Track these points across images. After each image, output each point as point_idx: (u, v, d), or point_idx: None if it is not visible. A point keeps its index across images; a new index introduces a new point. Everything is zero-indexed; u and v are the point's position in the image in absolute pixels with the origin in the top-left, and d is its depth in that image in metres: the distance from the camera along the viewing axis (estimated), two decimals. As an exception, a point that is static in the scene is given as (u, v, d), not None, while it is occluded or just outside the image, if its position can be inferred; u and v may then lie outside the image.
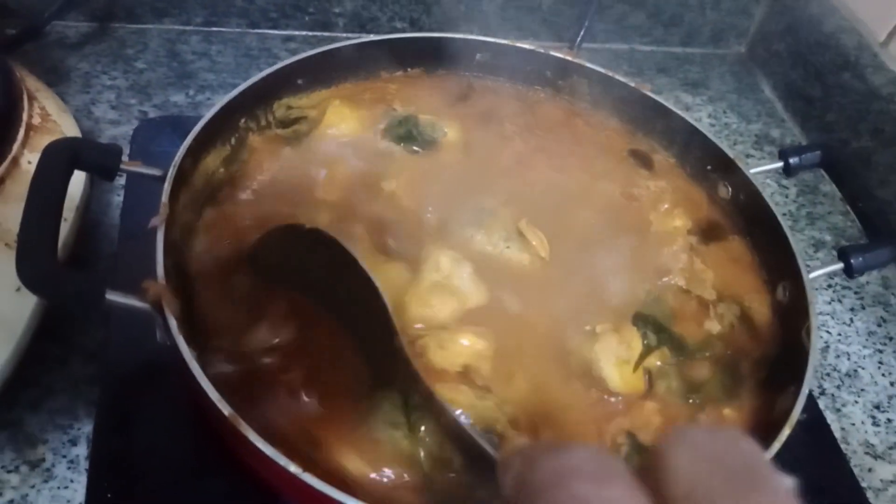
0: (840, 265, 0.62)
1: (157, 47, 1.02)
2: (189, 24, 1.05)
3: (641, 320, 0.61)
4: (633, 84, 0.76)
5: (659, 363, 0.59)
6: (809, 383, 0.54)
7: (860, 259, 0.61)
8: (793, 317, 0.60)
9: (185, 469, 0.59)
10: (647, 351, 0.59)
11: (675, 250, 0.65)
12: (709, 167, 0.72)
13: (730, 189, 0.71)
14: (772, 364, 0.61)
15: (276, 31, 1.07)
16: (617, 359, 0.57)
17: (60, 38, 1.01)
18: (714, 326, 0.62)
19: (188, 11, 1.04)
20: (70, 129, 0.79)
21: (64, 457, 0.61)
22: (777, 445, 0.50)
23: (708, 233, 0.70)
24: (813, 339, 0.56)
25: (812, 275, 0.61)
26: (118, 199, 0.80)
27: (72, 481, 0.60)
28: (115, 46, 1.01)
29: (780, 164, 0.69)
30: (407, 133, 0.71)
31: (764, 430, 0.53)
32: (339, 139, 0.70)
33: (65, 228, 0.70)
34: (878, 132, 0.95)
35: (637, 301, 0.62)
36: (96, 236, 0.77)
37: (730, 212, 0.72)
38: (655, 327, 0.60)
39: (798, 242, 0.94)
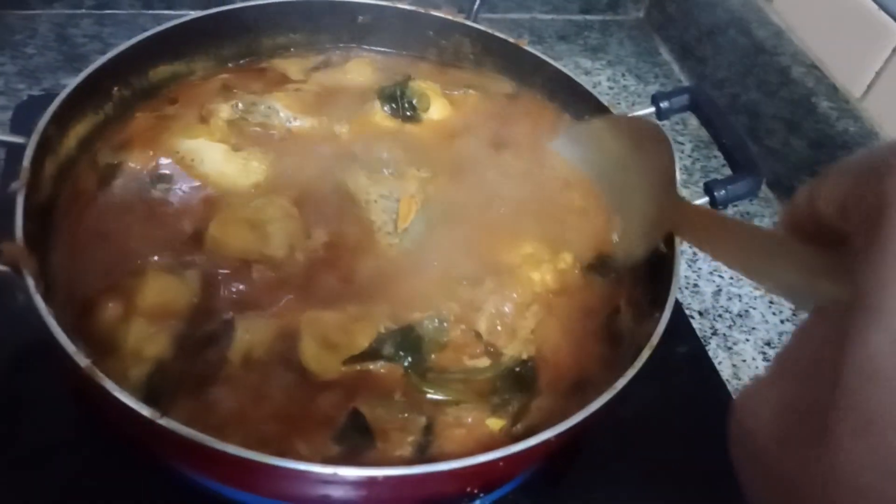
0: (706, 199, 0.64)
1: (46, 32, 1.01)
2: (80, 7, 1.04)
3: (401, 334, 0.57)
4: (511, 40, 0.77)
5: (382, 370, 0.55)
6: (672, 305, 0.55)
7: (723, 191, 0.63)
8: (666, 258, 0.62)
9: (60, 436, 0.59)
10: (374, 356, 0.55)
11: (505, 296, 0.60)
12: (586, 116, 0.73)
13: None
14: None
15: (170, 11, 1.06)
16: (324, 340, 0.55)
17: (-54, 27, 0.98)
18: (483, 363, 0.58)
19: (79, -5, 1.03)
20: (-54, 111, 0.77)
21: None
22: (639, 364, 0.51)
23: None
24: (676, 266, 0.58)
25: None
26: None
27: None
28: (2, 32, 0.99)
29: (653, 108, 0.71)
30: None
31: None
32: None
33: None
34: (764, 84, 0.98)
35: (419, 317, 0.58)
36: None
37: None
38: (409, 346, 0.56)
39: (692, 195, 0.97)
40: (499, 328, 0.59)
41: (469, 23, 0.79)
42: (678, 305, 0.80)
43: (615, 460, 0.64)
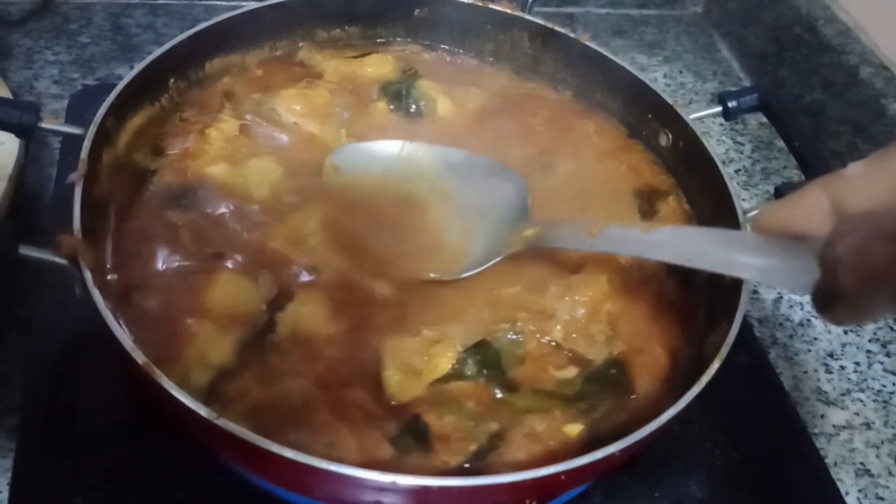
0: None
1: (101, 21, 1.01)
2: (135, -3, 1.04)
3: (480, 352, 0.56)
4: (572, 35, 0.75)
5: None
6: (740, 319, 0.53)
7: (795, 196, 0.60)
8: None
9: (115, 425, 0.59)
10: (457, 377, 0.54)
11: (575, 302, 0.58)
12: (649, 115, 0.71)
13: (670, 137, 0.70)
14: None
15: (224, 2, 1.05)
16: (406, 367, 0.53)
17: (3, 16, 0.99)
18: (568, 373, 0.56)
19: (134, -15, 1.03)
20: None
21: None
22: (706, 379, 0.49)
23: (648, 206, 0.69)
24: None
25: (750, 215, 0.61)
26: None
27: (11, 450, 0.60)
28: (58, 22, 1.00)
29: (720, 108, 0.68)
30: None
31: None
32: None
33: (-3, 196, 0.69)
34: (829, 84, 0.95)
35: (492, 330, 0.57)
36: (37, 207, 0.76)
37: (670, 162, 0.71)
38: (488, 362, 0.56)
39: (753, 197, 0.94)
40: (574, 335, 0.57)
41: (527, 16, 0.77)
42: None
43: (674, 474, 0.62)
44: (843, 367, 0.78)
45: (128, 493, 0.57)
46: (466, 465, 0.50)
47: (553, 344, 0.57)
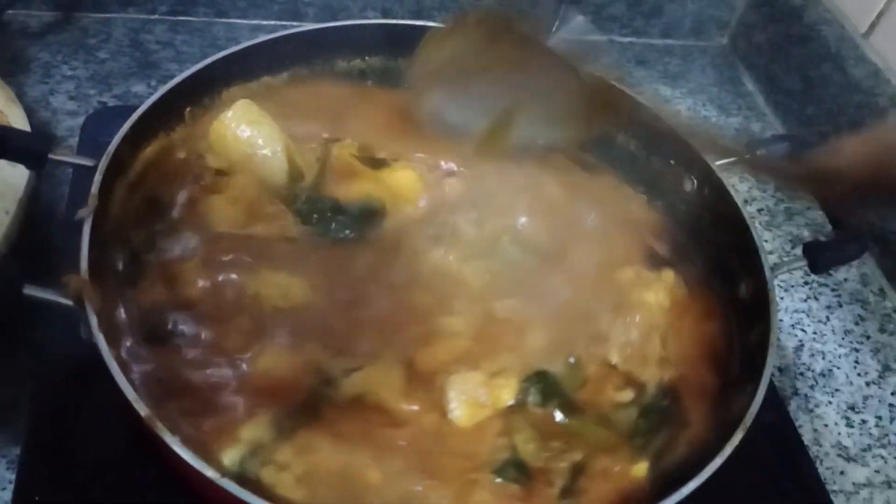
0: (804, 262, 0.59)
1: (120, 37, 1.00)
2: (154, 12, 1.03)
3: (540, 381, 0.57)
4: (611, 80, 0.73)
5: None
6: (766, 383, 0.51)
7: (825, 255, 0.58)
8: (754, 315, 0.58)
9: (114, 461, 0.58)
10: (519, 408, 0.56)
11: (627, 323, 0.60)
12: (672, 161, 0.69)
13: (695, 183, 0.68)
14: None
15: (244, 21, 1.05)
16: (469, 398, 0.54)
17: (22, 28, 0.98)
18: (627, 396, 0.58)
19: (154, 0, 1.02)
20: (18, 120, 0.76)
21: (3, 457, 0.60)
22: (729, 449, 0.47)
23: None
24: (772, 340, 0.54)
25: (778, 273, 0.59)
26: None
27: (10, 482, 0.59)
28: (77, 36, 0.99)
29: (747, 154, 0.66)
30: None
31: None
32: None
33: (6, 221, 0.68)
34: (858, 125, 0.93)
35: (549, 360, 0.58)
36: (46, 230, 0.75)
37: (694, 208, 0.69)
38: (547, 391, 0.57)
39: (775, 238, 0.92)
40: (629, 353, 0.58)
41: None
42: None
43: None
44: (864, 422, 0.76)
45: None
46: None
47: (609, 366, 0.58)
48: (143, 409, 0.44)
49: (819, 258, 0.58)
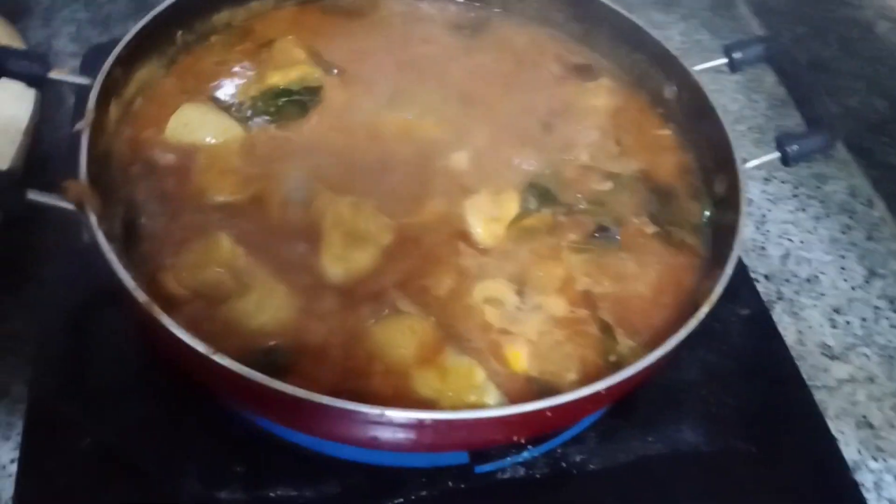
0: (777, 154, 0.61)
1: (119, -20, 1.02)
2: (153, -45, 1.05)
3: (531, 187, 0.65)
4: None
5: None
6: (733, 265, 0.54)
7: (795, 146, 0.60)
8: (729, 209, 0.60)
9: (124, 375, 0.61)
10: (525, 214, 0.63)
11: (587, 126, 0.69)
12: (653, 68, 0.71)
13: (675, 89, 0.70)
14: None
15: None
16: (487, 216, 0.61)
17: (23, -26, 1.01)
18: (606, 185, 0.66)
19: (149, -56, 1.04)
20: (20, 55, 0.79)
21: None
22: (694, 323, 0.50)
23: None
24: (740, 224, 0.56)
25: (748, 165, 0.61)
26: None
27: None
28: (76, -20, 1.01)
29: (725, 59, 0.68)
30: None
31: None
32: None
33: (12, 150, 0.71)
34: (846, 39, 0.94)
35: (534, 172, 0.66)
36: (50, 163, 0.78)
37: (674, 113, 0.71)
38: (541, 195, 0.64)
39: (764, 154, 0.93)
40: (594, 151, 0.68)
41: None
42: (742, 267, 0.77)
43: (669, 420, 0.63)
44: (848, 323, 0.78)
45: (136, 437, 0.59)
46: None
47: (583, 168, 0.67)
48: (141, 296, 0.47)
49: (789, 150, 0.60)
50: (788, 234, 0.86)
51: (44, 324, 0.65)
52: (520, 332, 0.55)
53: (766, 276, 0.81)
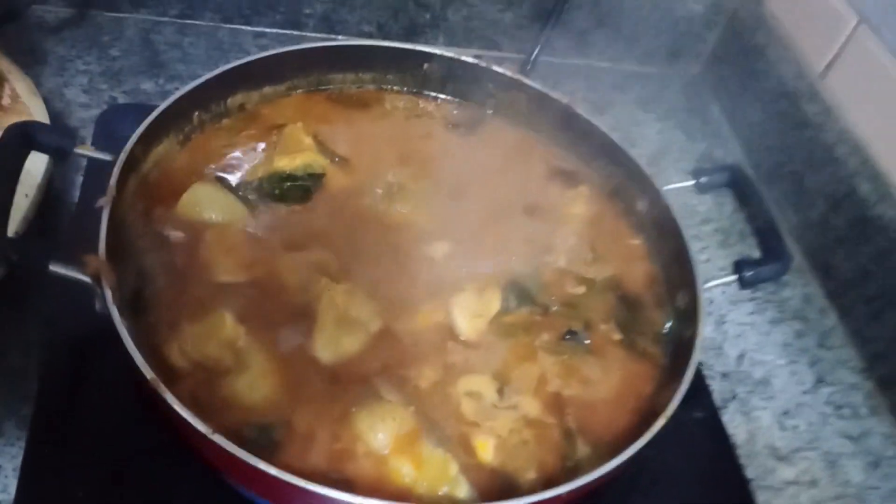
0: (735, 276, 0.67)
1: (132, 35, 1.07)
2: (165, 14, 1.10)
3: (512, 286, 0.71)
4: (565, 101, 0.81)
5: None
6: (689, 380, 0.59)
7: (751, 273, 0.66)
8: (690, 324, 0.65)
9: (123, 421, 0.64)
10: (505, 312, 0.68)
11: (566, 231, 0.75)
12: (628, 181, 0.77)
13: (647, 204, 0.76)
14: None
15: (248, 27, 1.11)
16: (472, 313, 0.67)
17: (39, 22, 1.05)
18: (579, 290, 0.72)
19: (164, 3, 1.08)
20: (38, 111, 0.83)
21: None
22: (649, 435, 0.55)
23: None
24: (697, 342, 0.61)
25: (707, 285, 0.67)
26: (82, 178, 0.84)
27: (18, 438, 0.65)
28: (91, 32, 1.06)
29: (692, 182, 0.74)
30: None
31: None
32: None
33: (25, 203, 0.74)
34: (809, 157, 1.01)
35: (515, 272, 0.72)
36: (59, 212, 0.82)
37: (644, 226, 0.77)
38: (521, 294, 0.70)
39: (727, 256, 1.00)
40: (572, 257, 0.73)
41: (525, 80, 0.82)
42: (699, 375, 0.82)
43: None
44: (796, 426, 0.83)
45: (130, 486, 0.61)
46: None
47: (560, 270, 0.73)
48: (148, 373, 0.51)
49: (745, 275, 0.67)
50: (745, 335, 0.92)
51: (46, 365, 0.67)
52: (490, 427, 0.59)
53: (723, 375, 0.86)
